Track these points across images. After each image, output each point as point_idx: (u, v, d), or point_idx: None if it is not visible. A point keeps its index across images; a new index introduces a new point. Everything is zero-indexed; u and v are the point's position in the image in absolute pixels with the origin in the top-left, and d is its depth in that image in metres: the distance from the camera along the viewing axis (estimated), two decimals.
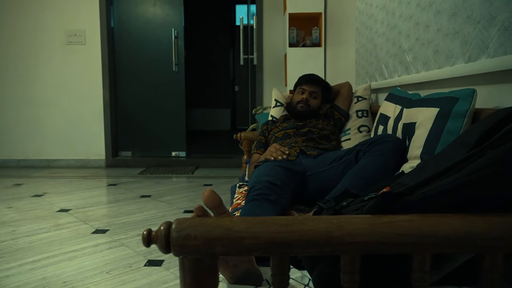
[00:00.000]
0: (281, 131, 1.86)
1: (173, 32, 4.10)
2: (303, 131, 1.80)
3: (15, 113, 4.10)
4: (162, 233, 0.56)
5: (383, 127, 1.47)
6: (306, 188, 1.50)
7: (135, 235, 2.07)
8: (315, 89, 1.94)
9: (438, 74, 1.30)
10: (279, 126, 1.93)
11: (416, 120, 1.18)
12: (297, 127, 1.83)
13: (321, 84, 1.99)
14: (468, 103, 1.02)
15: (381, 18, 1.96)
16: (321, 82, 2.00)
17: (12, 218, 2.36)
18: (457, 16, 1.19)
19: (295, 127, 1.83)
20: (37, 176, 3.64)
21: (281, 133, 1.86)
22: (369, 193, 0.96)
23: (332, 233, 0.55)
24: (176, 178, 3.59)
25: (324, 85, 2.00)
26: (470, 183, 0.56)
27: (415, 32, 1.52)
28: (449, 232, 0.54)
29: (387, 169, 1.21)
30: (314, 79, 1.96)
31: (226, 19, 7.65)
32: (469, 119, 1.02)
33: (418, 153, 1.12)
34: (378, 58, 2.04)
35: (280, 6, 3.93)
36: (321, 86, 1.98)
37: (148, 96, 4.23)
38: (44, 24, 4.01)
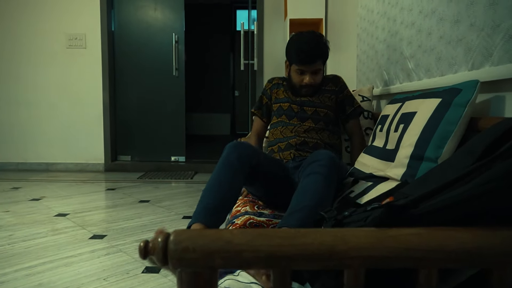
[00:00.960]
0: (287, 103, 1.73)
1: (174, 37, 4.10)
2: (308, 114, 1.69)
3: (15, 116, 4.08)
4: (160, 245, 0.54)
5: (381, 126, 1.45)
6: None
7: (133, 241, 2.04)
8: (317, 66, 1.64)
9: (441, 81, 1.29)
10: (285, 93, 1.76)
11: (417, 110, 1.17)
12: (303, 104, 1.71)
13: (322, 56, 1.65)
14: (471, 93, 1.01)
15: (382, 24, 1.95)
16: (322, 54, 1.63)
17: (9, 222, 2.33)
18: (460, 24, 1.18)
19: (301, 104, 1.71)
20: (35, 180, 3.62)
21: (286, 105, 1.73)
22: (372, 202, 0.94)
23: (336, 247, 0.53)
24: (175, 183, 3.57)
25: (325, 55, 1.66)
26: (478, 196, 0.54)
27: (417, 39, 1.51)
28: (457, 246, 0.52)
29: (329, 186, 1.19)
30: (313, 56, 1.60)
31: (226, 24, 7.66)
32: (469, 110, 1.00)
33: (413, 141, 1.10)
34: (379, 64, 2.02)
35: (281, 12, 3.92)
36: (322, 58, 1.66)
37: (148, 101, 4.22)
38: (45, 28, 4.00)
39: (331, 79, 1.79)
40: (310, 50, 1.60)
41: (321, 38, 1.65)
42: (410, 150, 1.11)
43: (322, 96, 1.73)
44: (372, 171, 1.34)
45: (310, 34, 1.64)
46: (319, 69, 1.66)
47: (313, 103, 1.71)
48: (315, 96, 1.72)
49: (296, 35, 1.68)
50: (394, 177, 1.16)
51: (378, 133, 1.47)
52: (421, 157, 1.07)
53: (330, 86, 1.77)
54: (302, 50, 1.60)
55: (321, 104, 1.71)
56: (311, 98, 1.72)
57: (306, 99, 1.72)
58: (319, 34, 1.66)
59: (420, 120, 1.12)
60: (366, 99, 1.96)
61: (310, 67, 1.63)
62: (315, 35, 1.64)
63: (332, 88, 1.76)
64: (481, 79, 1.02)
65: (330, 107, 1.73)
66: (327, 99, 1.73)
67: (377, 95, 2.04)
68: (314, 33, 1.65)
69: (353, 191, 1.32)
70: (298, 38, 1.65)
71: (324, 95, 1.74)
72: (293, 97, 1.74)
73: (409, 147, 1.12)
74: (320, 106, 1.71)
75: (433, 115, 1.07)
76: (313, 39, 1.62)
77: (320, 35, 1.66)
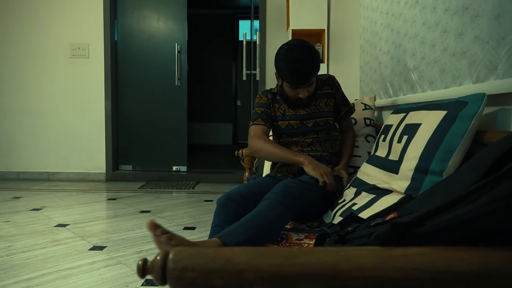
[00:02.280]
0: (285, 121, 1.67)
1: (176, 47, 4.11)
2: (308, 126, 1.65)
3: (17, 125, 4.09)
4: (158, 263, 0.53)
5: (384, 135, 1.44)
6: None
7: (133, 252, 2.02)
8: (312, 79, 1.58)
9: (445, 94, 1.28)
10: (281, 109, 1.69)
11: (421, 122, 1.15)
12: (301, 118, 1.66)
13: (316, 70, 1.56)
14: (477, 106, 0.99)
15: (385, 36, 1.95)
16: (316, 69, 1.55)
17: (8, 232, 2.32)
18: (464, 36, 1.17)
19: (300, 119, 1.66)
20: (36, 189, 3.61)
21: (285, 123, 1.68)
22: (376, 217, 0.92)
23: (339, 267, 0.51)
24: (176, 193, 3.55)
25: (318, 68, 1.57)
26: (486, 215, 0.53)
27: (421, 51, 1.50)
28: (464, 268, 0.50)
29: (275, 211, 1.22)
30: (309, 76, 1.53)
31: (229, 34, 7.71)
32: (476, 123, 0.99)
33: (417, 154, 1.09)
34: (382, 76, 2.02)
35: (283, 22, 3.94)
36: (316, 71, 1.57)
37: (150, 110, 4.22)
38: (49, 37, 4.03)
39: (326, 81, 1.72)
40: (306, 71, 1.51)
41: (313, 51, 1.53)
42: (414, 162, 1.10)
43: (319, 103, 1.68)
44: (375, 182, 1.32)
45: (301, 50, 1.50)
46: (313, 82, 1.59)
47: (311, 115, 1.67)
48: (311, 104, 1.67)
49: (286, 50, 1.54)
50: (398, 189, 1.14)
51: (381, 143, 1.46)
52: (426, 170, 1.05)
53: (326, 89, 1.71)
54: (297, 72, 1.50)
55: (319, 113, 1.67)
56: (308, 109, 1.67)
57: (304, 112, 1.66)
58: (310, 47, 1.54)
59: (425, 132, 1.10)
60: (368, 108, 1.96)
61: (307, 83, 1.56)
62: (306, 50, 1.51)
63: (328, 91, 1.71)
64: (486, 92, 1.00)
65: (328, 112, 1.69)
66: (324, 105, 1.69)
67: (380, 106, 2.03)
68: (304, 47, 1.52)
69: (356, 203, 1.30)
70: (289, 55, 1.51)
71: (321, 101, 1.69)
72: (291, 111, 1.68)
73: (414, 159, 1.10)
74: (318, 116, 1.67)
75: (438, 127, 1.06)
76: (306, 56, 1.50)
77: (310, 47, 1.54)
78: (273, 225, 1.21)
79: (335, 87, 1.73)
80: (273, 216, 1.20)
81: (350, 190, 1.44)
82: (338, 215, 1.32)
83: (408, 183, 1.10)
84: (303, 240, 1.28)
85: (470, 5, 1.14)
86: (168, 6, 4.17)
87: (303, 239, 1.29)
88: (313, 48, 1.56)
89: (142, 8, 4.18)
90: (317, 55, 1.55)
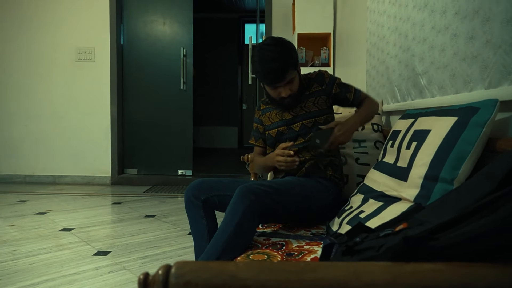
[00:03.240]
0: (274, 129, 1.65)
1: (182, 51, 4.11)
2: (296, 131, 1.60)
3: (24, 128, 4.11)
4: (160, 278, 0.50)
5: (392, 141, 1.41)
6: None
7: (137, 258, 2.01)
8: (288, 78, 1.51)
9: (455, 99, 1.25)
10: (270, 117, 1.68)
11: (431, 128, 1.12)
12: (287, 123, 1.62)
13: (290, 66, 1.49)
14: (489, 113, 0.96)
15: (393, 40, 1.93)
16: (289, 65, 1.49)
17: (13, 236, 2.31)
18: (475, 40, 1.15)
19: (286, 124, 1.62)
20: (42, 193, 3.61)
21: (274, 132, 1.65)
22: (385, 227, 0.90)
23: (349, 283, 0.49)
24: (181, 197, 3.53)
25: (293, 63, 1.51)
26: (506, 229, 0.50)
27: (430, 56, 1.48)
28: (482, 285, 0.48)
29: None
30: (282, 73, 1.48)
31: (235, 38, 7.71)
32: (487, 130, 0.96)
33: (427, 161, 1.06)
34: (390, 80, 1.99)
35: (289, 26, 3.93)
36: (291, 67, 1.50)
37: (155, 114, 4.22)
38: (55, 42, 4.05)
39: (315, 79, 1.65)
40: (278, 69, 1.46)
41: (286, 47, 1.50)
42: (424, 170, 1.07)
43: (305, 104, 1.61)
44: (383, 189, 1.29)
45: (273, 48, 1.48)
46: (292, 78, 1.53)
47: (296, 118, 1.61)
48: (298, 106, 1.61)
49: (259, 50, 1.51)
50: (407, 197, 1.11)
51: (389, 149, 1.43)
52: (436, 178, 1.02)
53: (316, 87, 1.64)
54: (270, 71, 1.47)
55: (305, 115, 1.60)
56: (293, 112, 1.61)
57: (290, 116, 1.61)
58: (282, 43, 1.51)
59: (434, 139, 1.07)
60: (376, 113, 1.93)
61: (282, 82, 1.51)
62: (279, 47, 1.48)
63: (317, 89, 1.63)
64: (499, 98, 0.98)
65: (316, 112, 1.60)
66: (312, 105, 1.61)
67: (388, 111, 2.00)
68: (277, 45, 1.49)
69: (363, 210, 1.27)
70: (262, 55, 1.48)
71: (308, 101, 1.61)
72: (278, 117, 1.65)
73: (423, 166, 1.08)
74: (305, 118, 1.60)
75: (448, 134, 1.03)
76: (278, 53, 1.47)
77: (283, 44, 1.50)
78: (238, 236, 1.24)
79: (327, 82, 1.64)
80: (234, 227, 1.23)
81: (357, 196, 1.41)
82: (345, 223, 1.29)
83: (418, 191, 1.07)
84: (304, 247, 1.25)
85: (480, 9, 1.11)
86: (174, 10, 4.17)
87: (303, 246, 1.27)
88: (286, 44, 1.51)
89: (148, 12, 4.19)
90: (290, 51, 1.50)
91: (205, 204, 1.51)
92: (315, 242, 1.32)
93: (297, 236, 1.40)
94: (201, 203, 1.50)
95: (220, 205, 1.53)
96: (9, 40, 4.06)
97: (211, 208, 1.54)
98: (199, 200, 1.50)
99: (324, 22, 3.54)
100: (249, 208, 1.24)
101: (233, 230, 1.22)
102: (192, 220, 1.54)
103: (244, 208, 1.23)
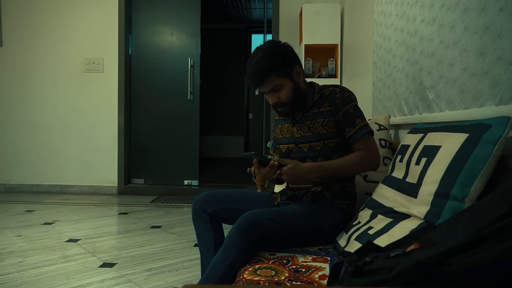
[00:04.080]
0: (284, 145, 1.57)
1: (189, 61, 4.14)
2: (304, 152, 1.49)
3: (32, 138, 4.14)
4: None
5: (400, 156, 1.39)
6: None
7: (143, 270, 2.00)
8: (272, 83, 1.42)
9: (465, 115, 1.24)
10: (282, 131, 1.59)
11: (441, 144, 1.10)
12: (297, 141, 1.51)
13: (269, 71, 1.40)
14: (501, 130, 0.95)
15: (400, 53, 1.92)
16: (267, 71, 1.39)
17: (20, 247, 2.32)
18: (485, 56, 1.14)
19: (295, 142, 1.52)
20: (49, 203, 3.63)
21: (284, 147, 1.57)
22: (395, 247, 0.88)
23: None
24: (187, 207, 3.53)
25: (274, 68, 1.40)
26: None
27: (438, 70, 1.47)
28: None
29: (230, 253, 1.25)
30: (258, 78, 1.41)
31: (242, 48, 7.76)
32: (500, 148, 0.94)
33: (437, 178, 1.04)
34: (397, 93, 1.98)
35: (296, 37, 3.94)
36: (272, 72, 1.40)
37: (162, 124, 4.24)
38: (65, 53, 4.11)
39: (327, 96, 1.47)
40: (252, 74, 1.41)
41: (274, 50, 1.42)
42: (434, 187, 1.05)
43: (313, 125, 1.47)
44: (392, 205, 1.27)
45: (256, 51, 1.43)
46: (277, 85, 1.42)
47: (304, 138, 1.48)
48: (306, 124, 1.49)
49: (252, 52, 1.49)
50: (417, 214, 1.10)
51: (398, 163, 1.41)
52: (447, 195, 1.01)
53: (325, 106, 1.46)
54: (249, 74, 1.43)
55: (313, 137, 1.46)
56: (301, 131, 1.49)
57: (299, 135, 1.50)
58: (273, 46, 1.43)
59: (445, 156, 1.06)
60: (383, 128, 1.91)
61: (265, 88, 1.44)
62: (261, 51, 1.41)
63: (326, 109, 1.46)
64: (511, 114, 0.96)
65: (325, 135, 1.45)
66: (320, 127, 1.45)
67: (395, 124, 1.99)
68: (265, 48, 1.42)
69: (372, 227, 1.26)
70: (250, 57, 1.44)
71: (316, 121, 1.46)
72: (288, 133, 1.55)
73: (433, 183, 1.06)
74: (314, 140, 1.46)
75: (459, 151, 1.01)
76: (259, 57, 1.40)
77: (273, 47, 1.43)
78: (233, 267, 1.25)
79: (336, 103, 1.44)
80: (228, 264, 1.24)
81: (366, 211, 1.39)
82: (353, 239, 1.27)
83: (428, 208, 1.05)
84: (311, 263, 1.24)
85: (491, 25, 1.11)
86: (182, 21, 4.21)
87: (310, 262, 1.25)
88: (279, 48, 1.43)
89: (156, 24, 4.23)
90: (279, 56, 1.41)
91: (212, 217, 1.51)
92: (322, 257, 1.30)
93: (303, 250, 1.38)
94: (208, 216, 1.50)
95: (227, 218, 1.52)
96: (20, 51, 4.12)
97: (218, 221, 1.53)
98: (206, 213, 1.50)
99: (331, 33, 3.56)
100: (247, 244, 1.25)
101: (229, 265, 1.24)
102: (198, 233, 1.53)
103: (242, 244, 1.24)
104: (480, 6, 1.18)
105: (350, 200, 1.52)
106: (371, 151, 1.44)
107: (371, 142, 1.46)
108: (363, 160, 1.43)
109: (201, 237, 1.53)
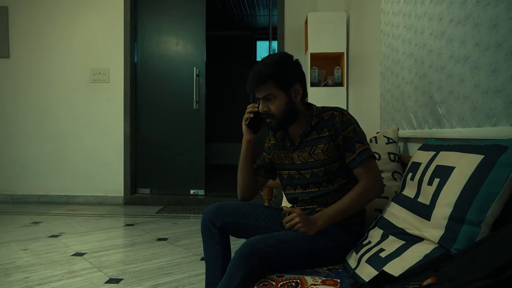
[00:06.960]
0: (285, 171, 1.53)
1: (195, 71, 4.14)
2: (307, 178, 1.45)
3: (39, 148, 4.16)
4: None
5: (412, 174, 1.36)
6: None
7: (149, 286, 1.98)
8: (266, 90, 1.39)
9: (478, 132, 1.21)
10: (280, 156, 1.55)
11: (455, 165, 1.07)
12: (298, 168, 1.48)
13: (267, 78, 1.37)
14: None
15: (408, 65, 1.89)
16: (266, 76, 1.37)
17: (26, 262, 2.31)
18: (498, 74, 1.11)
19: (297, 169, 1.48)
20: (55, 214, 3.63)
21: (285, 174, 1.54)
22: (410, 277, 0.85)
23: None
24: (194, 218, 3.51)
25: (273, 75, 1.37)
26: None
27: (448, 85, 1.44)
28: None
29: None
30: (256, 79, 1.38)
31: (247, 55, 7.76)
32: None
33: (451, 201, 1.01)
34: (405, 106, 1.95)
35: (302, 45, 3.93)
36: (270, 79, 1.38)
37: (168, 133, 4.23)
38: (72, 63, 4.12)
39: (327, 121, 1.42)
40: (252, 76, 1.40)
41: (280, 61, 1.40)
42: (448, 210, 1.02)
43: (314, 151, 1.43)
44: (404, 226, 1.24)
45: (267, 59, 1.43)
46: (271, 94, 1.39)
47: (306, 164, 1.45)
48: (306, 150, 1.45)
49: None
50: (431, 238, 1.07)
51: (409, 181, 1.38)
52: (462, 219, 0.98)
53: (325, 131, 1.42)
54: (248, 78, 1.43)
55: (316, 163, 1.42)
56: (302, 157, 1.46)
57: (299, 161, 1.46)
58: (281, 57, 1.43)
59: (459, 178, 1.03)
60: (391, 141, 1.88)
61: (259, 93, 1.41)
62: (266, 58, 1.42)
63: (326, 134, 1.42)
64: None
65: (327, 160, 1.41)
66: (321, 153, 1.42)
67: (404, 137, 1.95)
68: (267, 56, 1.44)
69: (384, 249, 1.23)
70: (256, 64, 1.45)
71: (317, 147, 1.42)
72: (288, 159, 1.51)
73: (448, 206, 1.03)
74: (315, 166, 1.43)
75: (474, 173, 0.98)
76: (260, 63, 1.40)
77: (281, 57, 1.43)
78: None
79: (336, 128, 1.39)
80: None
81: (376, 231, 1.36)
82: (364, 261, 1.24)
83: (442, 232, 1.02)
84: (319, 286, 1.21)
85: (504, 42, 1.08)
86: (187, 30, 4.22)
87: (319, 285, 1.22)
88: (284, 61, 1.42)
89: (161, 33, 4.24)
90: (283, 67, 1.40)
91: (221, 230, 1.49)
92: (332, 280, 1.27)
93: (312, 271, 1.35)
94: (217, 230, 1.48)
95: (236, 232, 1.51)
96: (26, 62, 4.14)
97: (226, 234, 1.51)
98: (215, 226, 1.48)
99: (337, 41, 3.53)
100: (249, 273, 1.22)
101: None
102: (206, 245, 1.51)
103: (243, 274, 1.21)
104: (492, 22, 1.15)
105: (357, 219, 1.48)
106: (373, 177, 1.39)
107: (372, 167, 1.40)
108: (368, 192, 1.38)
109: (208, 249, 1.51)
